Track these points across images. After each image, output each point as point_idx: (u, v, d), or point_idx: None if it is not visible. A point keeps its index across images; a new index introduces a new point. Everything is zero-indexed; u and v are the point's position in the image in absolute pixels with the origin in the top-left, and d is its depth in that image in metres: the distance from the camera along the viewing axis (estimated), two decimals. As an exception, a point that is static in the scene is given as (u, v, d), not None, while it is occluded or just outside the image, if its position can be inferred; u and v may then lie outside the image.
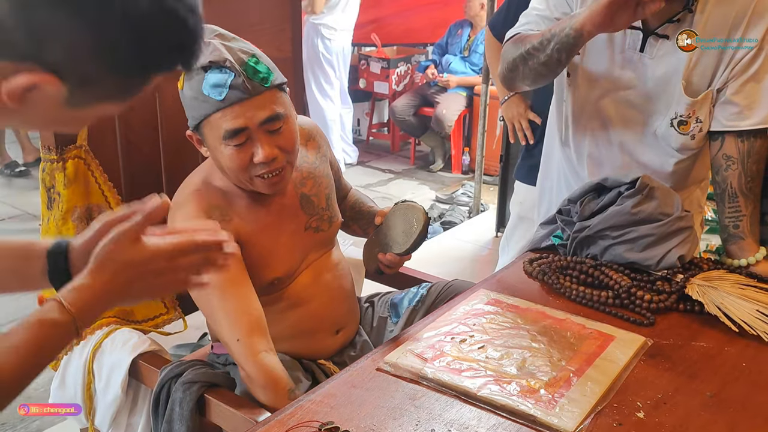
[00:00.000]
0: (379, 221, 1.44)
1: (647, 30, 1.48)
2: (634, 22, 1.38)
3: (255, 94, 1.29)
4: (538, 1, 1.58)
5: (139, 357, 1.42)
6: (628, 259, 1.45)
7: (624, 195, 1.48)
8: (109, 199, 1.47)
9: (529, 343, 1.24)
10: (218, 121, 1.29)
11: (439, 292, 1.64)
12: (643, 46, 1.49)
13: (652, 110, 1.55)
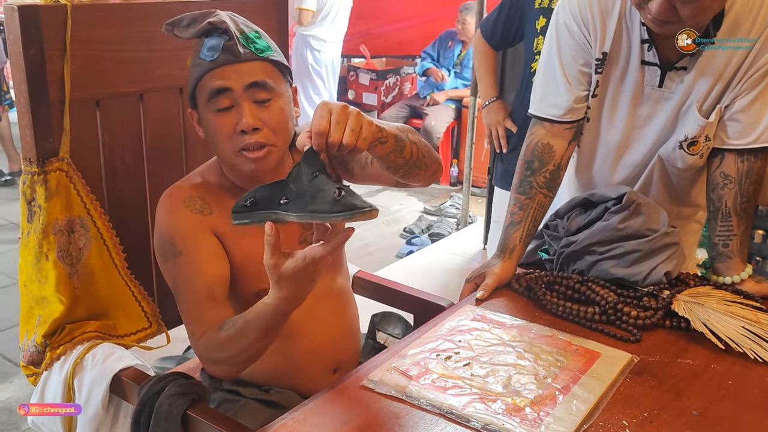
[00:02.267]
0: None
1: (666, 65, 1.46)
2: None
3: (246, 59, 1.28)
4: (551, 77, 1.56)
5: (120, 372, 1.40)
6: (615, 275, 1.45)
7: (611, 210, 1.48)
8: (91, 212, 1.45)
9: (515, 360, 1.23)
10: (206, 83, 1.29)
11: None
12: (662, 81, 1.48)
13: (665, 138, 1.53)
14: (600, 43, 1.49)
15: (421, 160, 1.27)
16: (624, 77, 1.51)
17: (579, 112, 1.55)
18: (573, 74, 1.53)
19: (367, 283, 1.79)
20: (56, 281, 1.42)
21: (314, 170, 1.05)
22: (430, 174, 1.33)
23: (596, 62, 1.51)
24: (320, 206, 1.03)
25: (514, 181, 1.59)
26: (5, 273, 3.60)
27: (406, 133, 1.24)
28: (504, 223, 1.57)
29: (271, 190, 1.08)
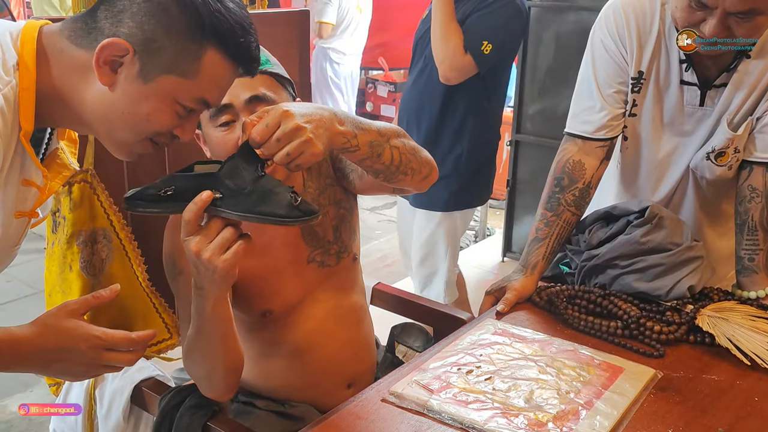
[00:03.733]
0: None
1: (705, 84, 1.46)
2: None
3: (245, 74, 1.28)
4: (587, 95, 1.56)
5: (141, 383, 1.41)
6: (637, 289, 1.44)
7: (633, 224, 1.47)
8: (114, 223, 1.46)
9: (536, 374, 1.22)
10: None
11: None
12: (703, 100, 1.47)
13: (695, 149, 1.53)
14: (637, 62, 1.49)
15: (406, 165, 1.23)
16: (663, 97, 1.51)
17: (613, 130, 1.55)
18: (608, 92, 1.53)
19: (387, 296, 1.79)
20: (80, 292, 1.43)
21: (255, 167, 1.01)
22: (420, 178, 1.28)
23: (632, 81, 1.51)
24: (274, 209, 0.99)
25: (542, 196, 1.58)
26: (26, 282, 3.64)
27: (389, 137, 1.19)
28: (528, 238, 1.56)
29: (197, 183, 1.00)
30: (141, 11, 0.92)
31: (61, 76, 0.95)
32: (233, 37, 0.96)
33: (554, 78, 3.49)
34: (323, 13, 4.79)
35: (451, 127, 2.37)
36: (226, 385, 1.24)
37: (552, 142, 3.50)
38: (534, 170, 3.70)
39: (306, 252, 1.38)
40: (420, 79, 2.39)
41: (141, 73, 0.93)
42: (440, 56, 2.20)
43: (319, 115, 1.05)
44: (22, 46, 0.93)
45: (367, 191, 1.43)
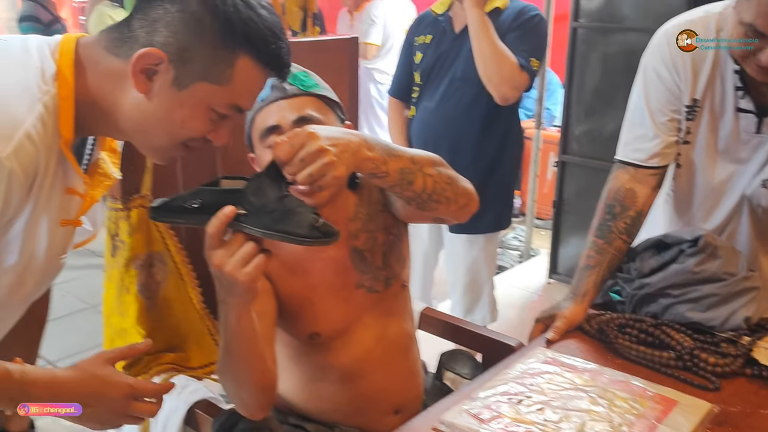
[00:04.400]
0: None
1: (762, 111, 1.44)
2: None
3: (291, 95, 1.30)
4: (639, 123, 1.55)
5: (194, 405, 1.43)
6: (691, 319, 1.41)
7: (686, 253, 1.45)
8: (170, 247, 1.50)
9: (588, 405, 1.21)
10: (257, 123, 1.32)
11: None
12: (760, 127, 1.46)
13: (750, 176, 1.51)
14: (691, 90, 1.48)
15: (439, 194, 1.23)
16: (718, 124, 1.49)
17: (666, 157, 1.54)
18: (661, 120, 1.52)
19: (435, 321, 1.79)
20: (136, 314, 1.47)
21: (280, 186, 1.03)
22: (456, 208, 1.28)
23: (686, 109, 1.50)
24: (295, 229, 1.01)
25: (592, 224, 1.57)
26: (79, 297, 3.73)
27: (422, 165, 1.20)
28: (579, 265, 1.56)
29: (222, 198, 1.03)
30: (175, 21, 0.94)
31: (99, 85, 0.98)
32: (265, 43, 0.98)
33: (601, 99, 3.47)
34: (368, 35, 4.84)
35: (492, 147, 2.38)
36: (256, 404, 1.26)
37: (598, 163, 3.49)
38: (580, 191, 3.67)
39: (355, 277, 1.39)
40: (448, 103, 2.37)
41: (175, 81, 0.96)
42: (497, 78, 2.20)
43: (347, 139, 1.07)
44: (60, 57, 0.96)
45: (408, 219, 1.45)
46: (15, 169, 0.87)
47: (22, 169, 0.88)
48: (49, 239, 1.01)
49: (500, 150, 2.41)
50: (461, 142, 2.36)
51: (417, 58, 2.44)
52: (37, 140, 0.90)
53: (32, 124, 0.89)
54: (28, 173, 0.90)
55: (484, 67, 2.20)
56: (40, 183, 0.93)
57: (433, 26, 2.42)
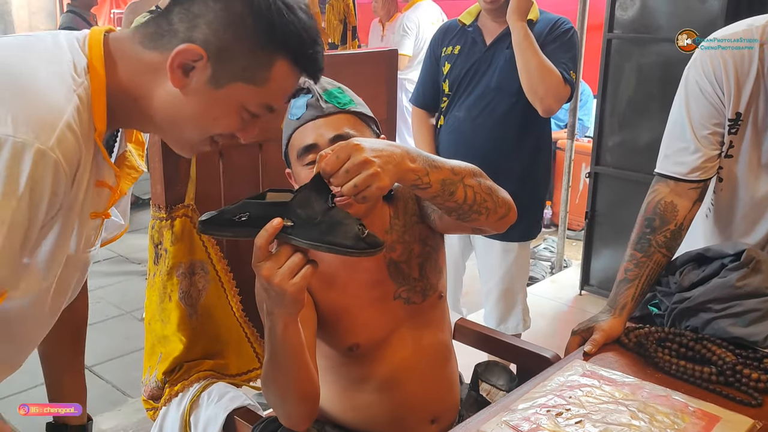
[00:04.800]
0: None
1: None
2: None
3: (328, 113, 1.31)
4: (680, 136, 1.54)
5: (234, 412, 1.45)
6: (733, 334, 1.40)
7: (728, 267, 1.44)
8: (211, 255, 1.53)
9: (629, 420, 1.20)
10: (295, 141, 1.33)
11: None
12: None
13: None
14: (735, 104, 1.47)
15: (480, 205, 1.23)
16: (761, 138, 1.48)
17: (707, 171, 1.53)
18: (703, 134, 1.51)
19: (469, 331, 1.79)
20: (178, 321, 1.50)
21: (326, 198, 1.04)
22: (496, 218, 1.28)
23: (729, 123, 1.49)
24: (341, 240, 1.02)
25: (631, 237, 1.56)
26: (114, 304, 3.79)
27: (463, 176, 1.20)
28: (617, 278, 1.55)
29: (269, 210, 1.04)
30: (217, 19, 0.94)
31: (131, 78, 0.97)
32: (304, 48, 0.99)
33: (635, 110, 3.45)
34: (401, 45, 4.87)
35: (526, 156, 2.40)
36: (299, 415, 1.27)
37: (632, 174, 3.47)
38: (613, 202, 3.64)
39: (392, 288, 1.40)
40: (481, 113, 2.37)
41: (212, 79, 0.96)
42: (542, 91, 2.21)
43: (390, 151, 1.08)
44: (90, 49, 0.95)
45: (446, 230, 1.45)
46: (60, 159, 0.86)
47: (66, 160, 0.87)
48: (79, 232, 1.01)
49: (533, 159, 2.43)
50: (495, 152, 2.37)
51: (445, 69, 2.46)
52: (77, 131, 0.89)
53: (71, 114, 0.89)
54: (71, 164, 0.89)
55: (529, 80, 2.22)
56: (80, 175, 0.93)
57: (460, 37, 2.44)
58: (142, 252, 4.31)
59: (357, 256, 1.04)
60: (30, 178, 0.83)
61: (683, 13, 3.16)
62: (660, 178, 1.57)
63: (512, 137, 2.36)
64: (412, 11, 4.95)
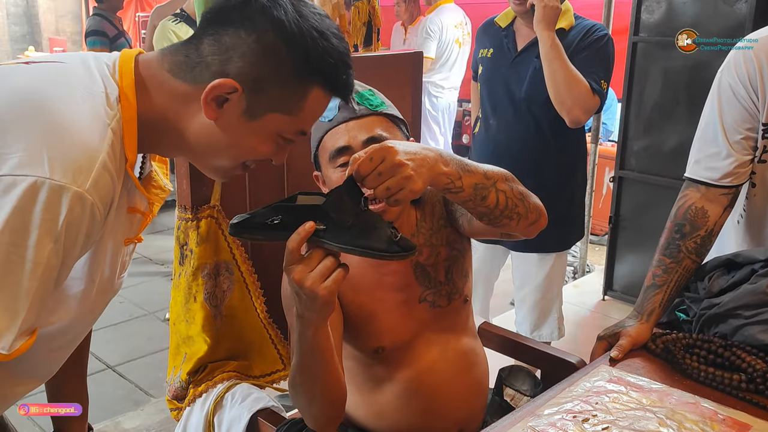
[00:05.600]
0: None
1: None
2: None
3: (361, 115, 1.31)
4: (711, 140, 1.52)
5: (257, 413, 1.46)
6: (763, 341, 1.37)
7: (758, 273, 1.41)
8: (236, 257, 1.54)
9: (657, 427, 1.19)
10: (327, 143, 1.33)
11: None
12: None
13: None
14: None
15: (511, 210, 1.23)
16: None
17: (740, 177, 1.50)
18: (736, 138, 1.49)
19: (493, 336, 1.78)
20: (202, 322, 1.50)
21: (358, 201, 1.04)
22: (527, 224, 1.27)
23: (764, 127, 1.47)
24: (374, 243, 1.02)
25: (660, 242, 1.54)
26: (137, 304, 3.82)
27: (495, 180, 1.20)
28: (645, 284, 1.53)
29: (301, 214, 1.04)
30: (251, 51, 0.93)
31: (162, 107, 0.96)
32: (338, 74, 0.99)
33: (661, 114, 3.41)
34: (425, 48, 4.86)
35: (563, 165, 2.37)
36: (326, 418, 1.26)
37: (657, 179, 3.43)
38: (637, 207, 3.61)
39: (418, 291, 1.40)
40: (516, 123, 2.35)
41: (247, 111, 0.95)
42: (569, 102, 2.17)
43: (423, 154, 1.08)
44: (121, 77, 0.94)
45: (475, 235, 1.44)
46: (96, 201, 0.86)
47: (101, 200, 0.87)
48: (113, 259, 1.02)
49: (569, 168, 2.39)
50: (530, 161, 2.33)
51: (480, 70, 2.44)
52: (112, 169, 0.88)
53: (106, 152, 0.88)
54: (105, 203, 0.89)
55: (556, 91, 2.18)
56: (113, 208, 0.93)
57: (494, 39, 2.40)
58: (166, 253, 4.35)
59: (390, 259, 1.04)
60: (66, 221, 0.83)
61: (710, 16, 3.12)
62: (690, 183, 1.55)
63: (546, 146, 2.33)
64: (436, 14, 4.94)
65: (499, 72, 2.36)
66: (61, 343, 1.04)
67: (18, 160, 0.81)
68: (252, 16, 0.93)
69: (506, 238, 1.38)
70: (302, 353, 1.16)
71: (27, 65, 0.96)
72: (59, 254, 0.84)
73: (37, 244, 0.81)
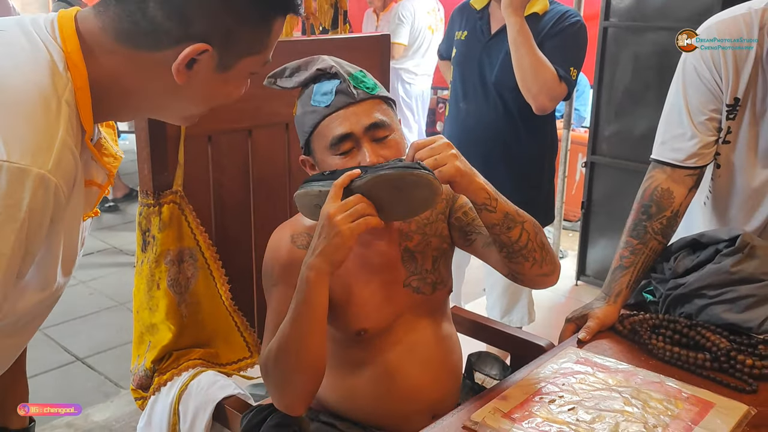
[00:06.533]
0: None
1: None
2: None
3: (360, 99, 1.28)
4: (677, 122, 1.52)
5: (223, 401, 1.44)
6: (727, 320, 1.39)
7: (722, 253, 1.42)
8: (200, 243, 1.51)
9: (622, 406, 1.19)
10: (325, 129, 1.29)
11: None
12: None
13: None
14: (733, 89, 1.45)
15: (529, 252, 1.30)
16: (760, 123, 1.46)
17: (704, 158, 1.51)
18: (700, 119, 1.49)
19: (463, 320, 1.78)
20: (166, 309, 1.48)
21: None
22: (538, 272, 1.33)
23: (728, 108, 1.47)
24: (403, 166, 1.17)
25: (627, 224, 1.54)
26: (107, 295, 3.77)
27: (525, 220, 1.29)
28: (612, 265, 1.53)
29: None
30: (210, 7, 0.88)
31: (115, 72, 0.90)
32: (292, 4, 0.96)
33: (632, 99, 3.42)
34: (396, 34, 4.84)
35: (531, 151, 2.35)
36: (305, 393, 1.25)
37: (628, 164, 3.44)
38: (609, 192, 3.62)
39: (403, 275, 1.39)
40: (485, 107, 2.34)
41: (220, 65, 0.91)
42: (535, 89, 2.15)
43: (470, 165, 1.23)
44: (64, 41, 0.87)
45: (483, 257, 1.44)
46: (59, 182, 0.80)
47: (65, 181, 0.82)
48: (72, 237, 0.95)
49: (537, 154, 2.37)
50: (498, 146, 2.32)
51: (453, 53, 2.43)
52: (72, 144, 0.83)
53: (65, 129, 0.82)
54: (69, 183, 0.83)
55: (522, 77, 2.16)
56: (76, 187, 0.87)
57: (469, 21, 2.39)
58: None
59: (418, 172, 1.15)
60: (30, 206, 0.77)
61: (680, 1, 3.14)
62: (656, 165, 1.55)
63: (516, 131, 2.31)
64: (408, 0, 4.92)
65: (472, 55, 2.34)
66: (21, 330, 1.00)
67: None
68: None
69: (511, 278, 1.39)
70: (296, 311, 1.19)
71: None
72: (22, 243, 0.79)
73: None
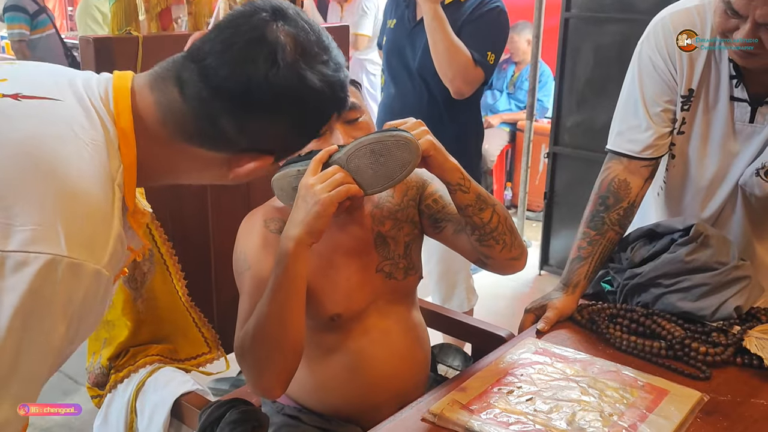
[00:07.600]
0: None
1: (756, 101, 1.43)
2: None
3: None
4: (632, 113, 1.53)
5: (181, 397, 1.42)
6: (682, 309, 1.41)
7: (677, 242, 1.44)
8: (156, 238, 1.48)
9: (578, 396, 1.20)
10: None
11: None
12: (753, 117, 1.44)
13: (744, 166, 1.49)
14: (687, 80, 1.47)
15: (500, 234, 1.31)
16: (712, 114, 1.48)
17: (660, 149, 1.52)
18: (655, 111, 1.50)
19: (424, 311, 1.77)
20: (122, 305, 1.45)
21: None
22: (507, 256, 1.34)
23: (682, 99, 1.49)
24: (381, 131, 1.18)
25: (584, 215, 1.56)
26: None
27: (495, 203, 1.31)
28: (570, 256, 1.54)
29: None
30: (283, 129, 0.93)
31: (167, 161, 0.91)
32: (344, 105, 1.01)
33: (593, 90, 3.46)
34: (360, 26, 4.82)
35: (456, 136, 2.35)
36: (283, 371, 1.23)
37: (590, 154, 3.48)
38: (572, 182, 3.66)
39: (376, 260, 1.39)
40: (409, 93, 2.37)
41: (274, 162, 0.98)
42: (450, 73, 2.19)
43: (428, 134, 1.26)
44: (118, 115, 0.86)
45: (453, 244, 1.44)
46: (111, 275, 0.80)
47: (114, 270, 0.81)
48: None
49: (461, 140, 2.37)
50: None
51: (383, 41, 2.46)
52: (122, 231, 0.81)
53: (118, 218, 0.81)
54: (117, 269, 0.83)
55: (438, 62, 2.19)
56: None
57: (397, 10, 2.42)
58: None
59: (399, 134, 1.17)
60: (83, 298, 0.76)
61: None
62: (613, 156, 1.56)
63: (440, 117, 2.32)
64: (372, -9, 4.90)
65: (398, 42, 2.37)
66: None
67: (30, 234, 0.72)
68: (277, 101, 0.89)
69: (480, 264, 1.39)
70: (276, 286, 1.18)
71: (16, 101, 0.82)
72: (70, 335, 0.77)
73: (51, 328, 0.74)
